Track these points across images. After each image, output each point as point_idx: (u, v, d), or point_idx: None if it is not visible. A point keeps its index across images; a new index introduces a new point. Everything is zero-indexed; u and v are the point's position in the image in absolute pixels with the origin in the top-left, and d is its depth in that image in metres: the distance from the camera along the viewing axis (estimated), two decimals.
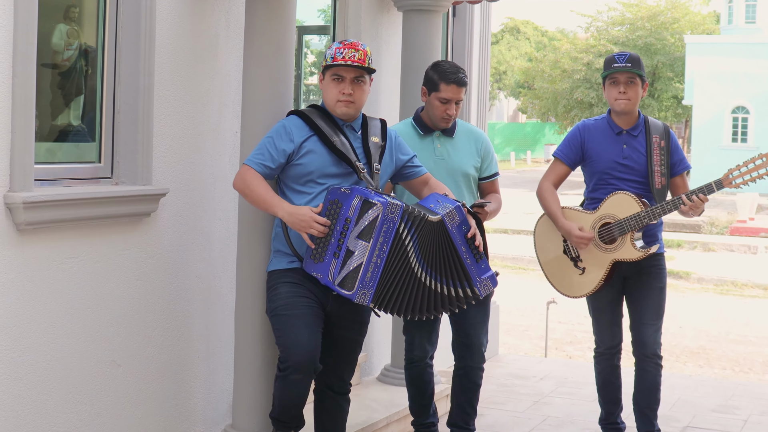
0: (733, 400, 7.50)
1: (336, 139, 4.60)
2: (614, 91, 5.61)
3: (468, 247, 4.56)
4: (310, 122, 4.63)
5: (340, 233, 4.41)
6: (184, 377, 5.27)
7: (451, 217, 4.53)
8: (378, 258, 4.38)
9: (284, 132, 4.59)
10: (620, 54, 5.64)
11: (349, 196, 4.43)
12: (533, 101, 52.58)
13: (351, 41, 4.68)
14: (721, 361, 12.08)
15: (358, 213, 4.39)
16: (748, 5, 43.73)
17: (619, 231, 5.52)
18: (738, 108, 40.47)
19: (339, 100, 4.64)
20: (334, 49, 4.65)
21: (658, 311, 5.71)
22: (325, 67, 4.68)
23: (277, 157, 4.55)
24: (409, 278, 4.46)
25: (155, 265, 5.01)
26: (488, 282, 4.62)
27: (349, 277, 4.38)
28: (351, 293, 4.38)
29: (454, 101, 5.22)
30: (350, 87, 4.63)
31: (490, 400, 7.13)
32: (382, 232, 4.37)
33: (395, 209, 4.39)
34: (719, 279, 18.79)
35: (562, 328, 13.62)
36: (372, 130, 4.79)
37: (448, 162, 5.29)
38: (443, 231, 4.50)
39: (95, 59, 4.86)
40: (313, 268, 4.48)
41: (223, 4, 5.43)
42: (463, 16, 8.38)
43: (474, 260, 4.57)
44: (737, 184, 5.51)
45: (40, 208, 4.25)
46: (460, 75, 5.23)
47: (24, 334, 4.30)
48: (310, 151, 4.58)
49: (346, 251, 4.39)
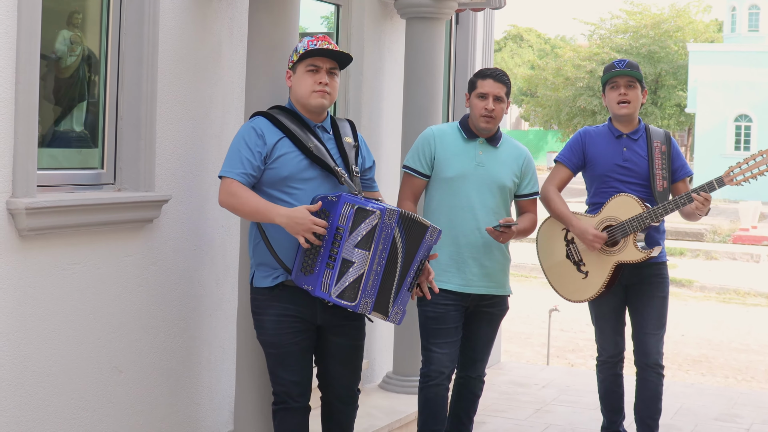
0: (736, 408, 7.49)
1: (311, 144, 4.41)
2: (614, 94, 5.64)
3: (416, 270, 4.45)
4: (278, 123, 4.43)
5: (331, 243, 4.26)
6: (186, 384, 5.27)
7: (432, 233, 4.47)
8: (378, 266, 4.30)
9: (255, 134, 4.38)
10: (619, 60, 5.72)
11: (337, 204, 4.28)
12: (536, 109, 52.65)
13: (322, 34, 4.54)
14: (723, 369, 12.06)
15: (352, 221, 4.25)
16: (751, 14, 43.78)
17: (622, 233, 5.52)
18: (740, 116, 40.51)
19: (314, 90, 4.44)
20: (306, 42, 4.48)
21: (660, 321, 5.70)
22: (299, 59, 4.48)
23: (255, 162, 4.34)
24: (393, 279, 4.39)
25: (157, 271, 5.01)
26: (398, 313, 4.44)
27: (349, 287, 4.27)
28: (353, 304, 4.29)
29: (491, 96, 5.17)
30: (326, 77, 4.46)
31: (491, 407, 7.12)
32: (381, 240, 4.29)
33: (392, 215, 4.31)
34: (722, 287, 18.77)
35: (565, 336, 13.61)
36: (343, 130, 4.64)
37: (487, 170, 5.23)
38: (419, 238, 4.43)
39: (98, 65, 4.87)
40: (303, 280, 4.34)
41: (227, 11, 5.43)
42: (466, 24, 8.39)
43: (409, 284, 4.44)
44: (738, 181, 5.51)
45: (42, 214, 4.25)
46: (497, 72, 5.22)
47: (26, 340, 4.30)
48: (284, 154, 4.38)
49: (342, 262, 4.25)
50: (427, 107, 6.78)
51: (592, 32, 49.14)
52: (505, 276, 5.32)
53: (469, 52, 8.41)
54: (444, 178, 5.20)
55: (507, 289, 5.34)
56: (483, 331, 5.30)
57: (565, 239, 5.73)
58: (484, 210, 5.17)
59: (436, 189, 5.23)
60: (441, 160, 5.21)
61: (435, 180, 5.23)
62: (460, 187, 5.18)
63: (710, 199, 5.46)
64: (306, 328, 4.50)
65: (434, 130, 5.33)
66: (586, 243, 5.58)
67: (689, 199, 5.45)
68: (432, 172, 5.23)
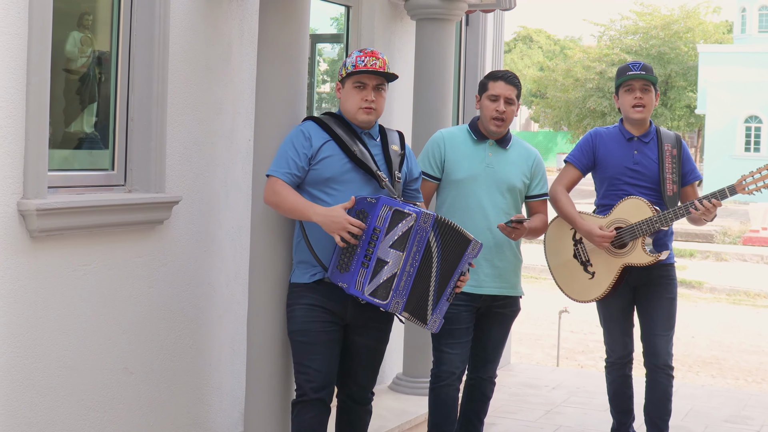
0: (746, 410, 7.47)
1: (355, 148, 4.57)
2: (629, 97, 5.62)
3: (455, 281, 4.59)
4: (326, 128, 4.61)
5: (368, 243, 4.41)
6: (196, 385, 5.27)
7: (475, 246, 4.59)
8: (411, 267, 4.44)
9: (303, 136, 4.56)
10: (634, 63, 5.67)
11: (375, 206, 4.42)
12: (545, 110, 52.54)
13: (371, 50, 4.67)
14: (733, 371, 12.03)
15: (389, 223, 4.40)
16: (762, 15, 43.66)
17: (631, 236, 5.51)
18: (751, 117, 40.39)
19: (361, 107, 4.61)
20: (354, 58, 4.64)
21: (669, 322, 5.70)
22: (346, 75, 4.66)
23: (300, 163, 4.52)
24: (427, 284, 4.51)
25: (168, 272, 5.02)
26: (436, 321, 4.60)
27: (382, 286, 4.41)
28: (385, 302, 4.42)
29: (502, 98, 5.17)
30: (372, 94, 4.62)
31: (501, 409, 7.12)
32: (416, 242, 4.43)
33: (428, 219, 4.44)
34: (732, 289, 18.71)
35: (574, 337, 13.59)
36: (391, 138, 4.79)
37: (497, 171, 5.24)
38: (461, 251, 4.56)
39: (109, 66, 4.88)
40: (339, 278, 4.47)
41: (237, 12, 5.44)
42: (476, 25, 8.39)
43: (448, 294, 4.58)
44: (750, 190, 5.50)
45: (53, 215, 4.26)
46: (509, 74, 5.24)
47: (37, 340, 4.31)
48: (328, 156, 4.55)
49: (376, 261, 4.40)
50: (438, 109, 6.78)
51: (601, 33, 49.03)
52: (516, 277, 5.32)
53: (479, 53, 8.41)
54: (454, 180, 5.20)
55: (519, 291, 5.34)
56: (494, 332, 5.30)
57: (573, 239, 5.72)
58: (495, 211, 5.18)
59: (447, 191, 5.23)
60: (451, 162, 5.22)
61: (446, 182, 5.23)
62: (471, 189, 5.18)
63: (720, 204, 5.45)
64: (335, 321, 4.59)
65: (444, 133, 5.34)
66: (594, 242, 5.57)
67: (700, 204, 5.43)
68: (443, 175, 5.23)
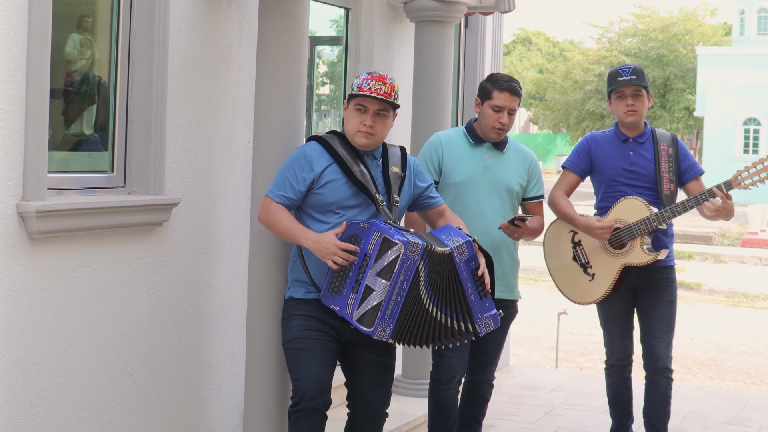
0: (745, 412, 7.47)
1: (356, 169, 4.54)
2: (622, 104, 5.63)
3: (474, 282, 4.52)
4: (330, 149, 4.58)
5: (359, 268, 4.37)
6: (195, 387, 5.27)
7: (459, 250, 4.49)
8: (398, 296, 4.36)
9: (304, 160, 4.52)
10: (624, 67, 5.66)
11: (368, 231, 4.38)
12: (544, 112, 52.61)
13: (380, 74, 4.61)
14: (732, 373, 12.04)
15: (378, 250, 4.34)
16: (760, 17, 43.72)
17: (629, 235, 5.51)
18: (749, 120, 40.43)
19: (359, 130, 4.56)
20: (361, 79, 4.58)
21: (668, 325, 5.70)
22: (351, 95, 4.62)
23: (297, 186, 4.49)
24: (421, 311, 4.43)
25: (167, 274, 5.02)
26: (490, 320, 4.57)
27: (368, 314, 4.35)
28: (370, 330, 4.36)
29: (506, 110, 5.18)
30: (372, 119, 4.55)
31: (500, 411, 7.12)
32: (402, 271, 4.34)
33: (416, 249, 4.35)
34: (730, 291, 18.72)
35: (573, 339, 13.59)
36: (392, 159, 4.73)
37: (495, 174, 5.25)
38: (450, 264, 4.46)
39: (108, 69, 4.88)
40: (330, 300, 4.44)
41: (236, 15, 5.44)
42: (476, 27, 8.40)
43: (478, 296, 4.53)
44: (746, 185, 5.50)
45: (52, 217, 4.26)
46: (514, 84, 5.21)
47: (36, 342, 4.31)
48: (331, 181, 4.52)
49: (365, 288, 4.35)
50: (437, 111, 6.78)
51: (601, 36, 49.09)
52: (514, 279, 5.33)
53: (479, 55, 8.42)
54: (452, 183, 5.21)
55: (516, 294, 5.34)
56: (492, 334, 5.27)
57: (572, 241, 5.73)
58: (493, 213, 5.18)
59: (445, 194, 5.23)
60: (448, 165, 5.22)
61: (443, 185, 5.23)
62: (469, 192, 5.19)
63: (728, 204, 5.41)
64: (331, 332, 4.55)
65: (441, 136, 5.35)
66: (596, 236, 5.56)
67: (697, 202, 5.45)
68: (440, 178, 5.24)
